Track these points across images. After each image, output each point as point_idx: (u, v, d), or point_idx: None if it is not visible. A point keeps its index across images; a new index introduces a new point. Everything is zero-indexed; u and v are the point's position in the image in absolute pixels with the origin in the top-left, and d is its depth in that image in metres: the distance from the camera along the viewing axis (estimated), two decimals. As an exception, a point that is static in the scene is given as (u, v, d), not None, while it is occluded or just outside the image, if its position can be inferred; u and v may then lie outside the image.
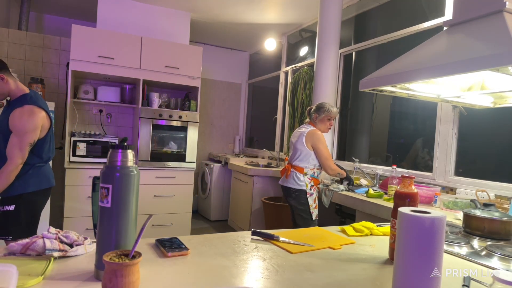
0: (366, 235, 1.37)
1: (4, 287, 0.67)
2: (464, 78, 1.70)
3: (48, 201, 3.32)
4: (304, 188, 2.59)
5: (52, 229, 0.98)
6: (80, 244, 0.97)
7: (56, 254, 0.91)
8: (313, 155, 2.60)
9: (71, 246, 0.96)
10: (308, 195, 2.58)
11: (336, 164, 2.70)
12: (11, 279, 0.70)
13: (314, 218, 2.58)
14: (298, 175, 2.61)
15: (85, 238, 1.01)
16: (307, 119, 2.79)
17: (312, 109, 2.74)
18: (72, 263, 0.89)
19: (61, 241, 0.95)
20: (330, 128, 2.73)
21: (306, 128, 2.67)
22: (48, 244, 0.91)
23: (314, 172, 2.63)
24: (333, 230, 1.43)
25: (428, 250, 0.73)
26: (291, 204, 2.69)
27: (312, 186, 2.61)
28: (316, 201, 2.64)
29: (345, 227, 1.42)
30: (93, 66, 3.57)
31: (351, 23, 3.83)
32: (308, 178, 2.61)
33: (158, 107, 3.98)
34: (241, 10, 4.20)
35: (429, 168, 2.71)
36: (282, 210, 3.61)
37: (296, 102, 4.19)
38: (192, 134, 4.06)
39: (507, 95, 1.84)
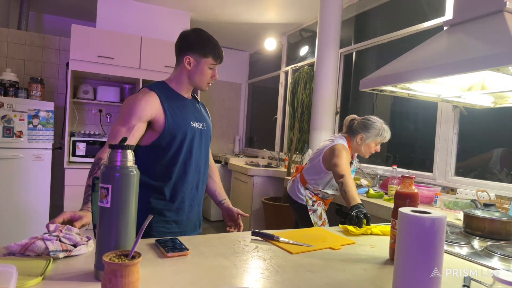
0: (366, 233, 1.37)
1: (3, 287, 0.67)
2: (465, 78, 1.70)
3: (48, 201, 3.35)
4: (304, 203, 2.20)
5: (52, 226, 0.97)
6: (83, 244, 0.97)
7: (61, 255, 0.91)
8: (324, 176, 2.13)
9: (74, 246, 0.96)
10: (310, 212, 2.18)
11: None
12: (10, 279, 0.70)
13: None
14: (299, 185, 2.24)
15: (89, 239, 1.00)
16: (344, 131, 2.22)
17: (356, 124, 2.12)
18: (72, 263, 0.89)
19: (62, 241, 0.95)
20: (371, 153, 2.15)
21: (333, 141, 2.11)
22: (51, 246, 0.90)
23: (318, 193, 2.22)
24: (333, 230, 1.43)
25: (429, 250, 0.73)
26: (294, 213, 2.38)
27: (314, 201, 2.20)
28: (323, 217, 2.21)
29: (347, 226, 1.42)
30: (92, 66, 3.57)
31: (351, 23, 3.83)
32: (310, 193, 2.21)
33: (158, 107, 3.97)
34: (241, 10, 4.19)
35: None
36: (282, 210, 3.60)
37: (296, 102, 4.18)
38: (192, 134, 4.05)
39: (507, 95, 1.84)
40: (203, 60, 1.39)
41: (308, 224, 2.20)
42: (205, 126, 1.48)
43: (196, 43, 1.40)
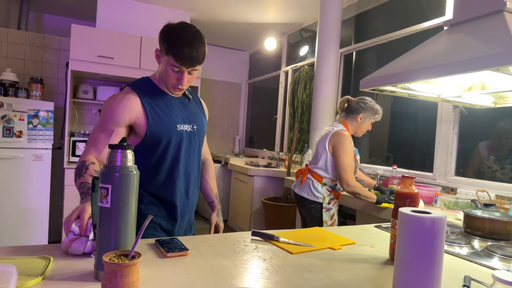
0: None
1: (3, 287, 0.67)
2: (465, 78, 1.70)
3: (47, 201, 3.35)
4: (320, 200, 2.20)
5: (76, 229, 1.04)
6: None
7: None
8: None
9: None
10: (324, 210, 2.19)
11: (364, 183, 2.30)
12: (10, 279, 0.70)
13: None
14: (315, 184, 2.22)
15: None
16: (339, 117, 2.33)
17: (355, 103, 2.23)
18: (72, 263, 0.89)
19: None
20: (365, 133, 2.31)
21: (334, 128, 2.21)
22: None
23: (336, 184, 2.25)
24: (334, 230, 1.43)
25: (429, 250, 0.73)
26: (303, 215, 2.35)
27: (331, 199, 2.22)
28: (334, 218, 2.24)
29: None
30: (92, 66, 3.57)
31: (351, 22, 3.83)
32: (327, 190, 2.21)
33: (158, 107, 3.97)
34: (241, 10, 4.19)
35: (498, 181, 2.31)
36: (282, 210, 3.60)
37: (296, 102, 4.18)
38: (192, 134, 4.05)
39: (507, 95, 1.84)
40: (165, 58, 1.22)
41: (319, 223, 2.21)
42: (195, 127, 1.34)
43: (164, 36, 1.22)
